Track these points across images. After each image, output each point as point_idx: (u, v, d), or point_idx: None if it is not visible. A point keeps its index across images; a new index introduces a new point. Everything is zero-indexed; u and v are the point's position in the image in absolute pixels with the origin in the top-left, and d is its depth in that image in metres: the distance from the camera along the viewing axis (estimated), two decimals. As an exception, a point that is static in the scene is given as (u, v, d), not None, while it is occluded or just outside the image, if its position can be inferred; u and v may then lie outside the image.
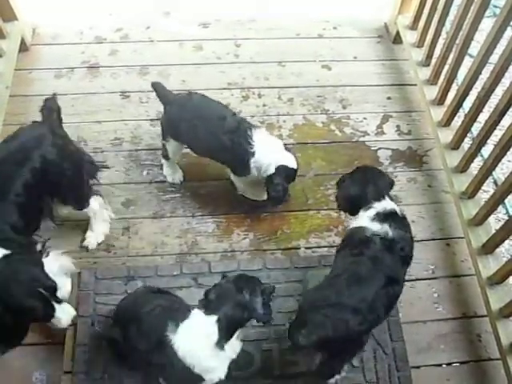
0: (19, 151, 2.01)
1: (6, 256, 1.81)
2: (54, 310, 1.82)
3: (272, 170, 2.35)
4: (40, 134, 2.06)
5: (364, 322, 1.77)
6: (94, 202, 2.37)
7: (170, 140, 2.51)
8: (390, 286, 1.84)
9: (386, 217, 1.94)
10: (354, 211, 2.05)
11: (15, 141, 2.05)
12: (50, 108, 2.17)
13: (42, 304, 1.77)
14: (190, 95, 2.48)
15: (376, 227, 1.91)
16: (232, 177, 2.55)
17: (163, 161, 2.67)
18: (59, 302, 1.85)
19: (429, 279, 2.46)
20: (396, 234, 1.90)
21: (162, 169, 2.70)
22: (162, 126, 2.54)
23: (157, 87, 2.49)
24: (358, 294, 1.79)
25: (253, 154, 2.34)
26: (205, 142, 2.41)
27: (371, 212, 1.95)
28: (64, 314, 1.85)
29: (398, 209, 2.00)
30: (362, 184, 2.03)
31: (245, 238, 2.54)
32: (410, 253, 1.96)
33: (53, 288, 1.81)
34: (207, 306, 1.75)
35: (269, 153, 2.36)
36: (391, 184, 2.12)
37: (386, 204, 1.98)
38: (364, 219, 1.96)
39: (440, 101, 2.75)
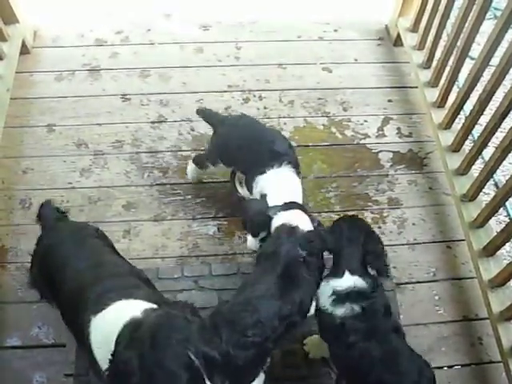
0: None
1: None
2: None
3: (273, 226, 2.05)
4: None
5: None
6: None
7: (219, 164, 2.39)
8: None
9: (345, 295, 1.77)
10: None
11: None
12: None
13: (185, 376, 1.28)
14: (240, 117, 2.45)
15: (348, 307, 1.76)
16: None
17: (192, 163, 2.59)
18: None
19: (430, 282, 2.46)
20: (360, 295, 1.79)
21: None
22: (211, 150, 2.42)
23: (203, 113, 2.46)
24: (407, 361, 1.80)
25: (262, 174, 2.17)
26: (253, 160, 2.23)
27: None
28: None
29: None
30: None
31: (246, 241, 2.54)
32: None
33: (210, 358, 1.33)
34: None
35: (277, 200, 2.08)
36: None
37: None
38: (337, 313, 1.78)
39: (441, 103, 2.75)
